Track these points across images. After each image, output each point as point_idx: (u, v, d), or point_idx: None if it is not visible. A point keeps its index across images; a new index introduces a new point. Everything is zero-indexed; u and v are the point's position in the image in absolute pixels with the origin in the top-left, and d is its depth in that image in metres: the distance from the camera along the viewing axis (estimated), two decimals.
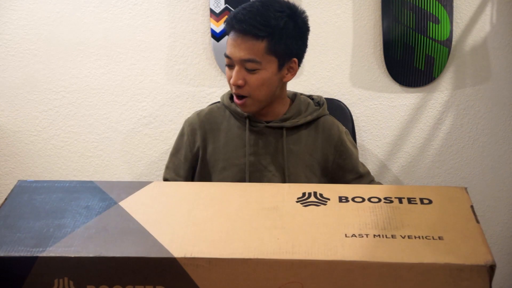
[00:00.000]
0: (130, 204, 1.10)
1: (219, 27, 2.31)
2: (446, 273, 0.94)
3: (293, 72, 1.67)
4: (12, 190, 1.15)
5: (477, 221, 1.03)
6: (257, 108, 1.66)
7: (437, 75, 2.35)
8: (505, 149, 2.42)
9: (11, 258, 0.98)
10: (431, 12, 2.29)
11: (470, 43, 2.35)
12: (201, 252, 0.96)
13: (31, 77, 2.36)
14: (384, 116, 2.40)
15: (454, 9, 2.30)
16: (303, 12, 1.65)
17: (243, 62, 1.57)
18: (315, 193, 1.11)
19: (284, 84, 1.70)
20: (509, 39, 2.34)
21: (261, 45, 1.56)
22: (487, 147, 2.42)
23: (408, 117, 2.39)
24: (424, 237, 0.99)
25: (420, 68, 2.33)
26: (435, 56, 2.32)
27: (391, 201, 1.08)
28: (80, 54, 2.36)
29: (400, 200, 1.08)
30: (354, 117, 2.23)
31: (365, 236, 1.00)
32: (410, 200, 1.08)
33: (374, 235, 1.00)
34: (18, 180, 1.19)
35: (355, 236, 1.00)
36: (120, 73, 2.38)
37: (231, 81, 1.59)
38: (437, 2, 2.28)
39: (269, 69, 1.60)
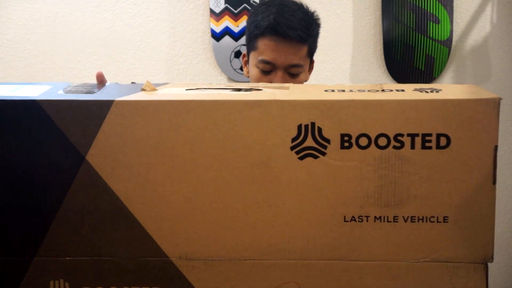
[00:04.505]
0: (100, 162, 0.94)
1: (219, 27, 2.31)
2: (443, 271, 0.93)
3: (311, 71, 1.67)
4: None
5: (494, 181, 0.93)
6: None
7: (437, 75, 2.35)
8: (505, 149, 2.41)
9: (5, 261, 0.98)
10: (431, 12, 2.28)
11: (470, 43, 2.35)
12: (196, 253, 0.96)
13: (31, 77, 2.36)
14: None
15: (454, 9, 2.30)
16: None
17: (288, 68, 1.52)
18: (312, 127, 0.92)
19: None
20: (509, 39, 2.33)
21: (304, 49, 1.53)
22: None
23: None
24: (428, 219, 0.92)
25: (420, 68, 2.33)
26: (435, 56, 2.31)
27: (402, 144, 0.91)
28: (80, 54, 2.36)
29: (413, 141, 0.90)
30: None
31: (365, 219, 0.93)
32: (424, 142, 0.90)
33: (375, 218, 0.93)
34: None
35: (355, 220, 0.93)
36: (120, 73, 2.37)
37: None
38: (437, 2, 2.28)
39: (306, 71, 1.58)
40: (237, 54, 2.32)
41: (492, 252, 0.94)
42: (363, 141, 0.91)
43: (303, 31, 1.51)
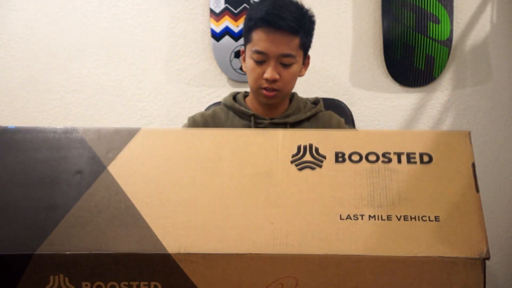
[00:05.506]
0: (119, 170, 1.06)
1: (219, 27, 2.31)
2: (440, 266, 0.94)
3: (306, 67, 1.73)
4: None
5: (477, 189, 1.00)
6: (280, 100, 1.71)
7: (437, 75, 2.35)
8: (505, 149, 2.41)
9: (6, 256, 0.98)
10: (431, 12, 2.29)
11: (470, 43, 2.35)
12: (195, 247, 0.96)
13: (31, 77, 2.37)
14: (384, 116, 2.39)
15: (454, 9, 2.30)
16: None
17: (280, 57, 1.59)
18: (310, 147, 1.06)
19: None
20: (509, 39, 2.34)
21: (296, 40, 1.60)
22: (487, 147, 2.41)
23: (408, 117, 2.39)
24: (420, 218, 0.98)
25: (420, 68, 2.33)
26: (435, 56, 2.31)
27: (389, 160, 1.04)
28: (80, 54, 2.36)
29: (399, 157, 1.04)
30: (354, 117, 2.23)
31: (360, 217, 0.98)
32: (409, 158, 1.04)
33: (370, 217, 0.98)
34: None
35: (350, 218, 0.98)
36: (120, 73, 2.38)
37: (268, 76, 1.59)
38: (437, 2, 2.28)
39: (299, 63, 1.65)
40: (237, 54, 2.32)
41: (487, 248, 0.95)
42: (355, 157, 1.05)
43: (294, 22, 1.58)
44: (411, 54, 2.32)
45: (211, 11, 2.30)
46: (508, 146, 2.41)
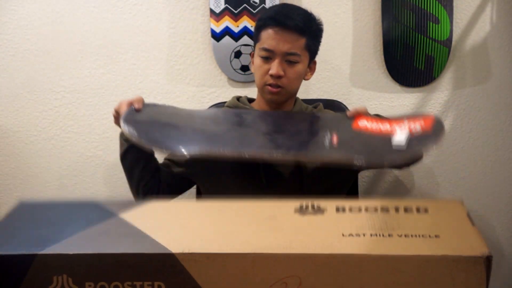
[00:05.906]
0: (130, 215, 1.10)
1: (219, 27, 2.31)
2: (443, 264, 0.94)
3: (312, 72, 1.83)
4: (12, 209, 1.15)
5: (473, 225, 1.04)
6: (285, 99, 1.77)
7: (437, 75, 2.35)
8: (505, 149, 2.41)
9: (10, 256, 0.99)
10: (431, 12, 2.29)
11: (470, 43, 2.35)
12: (199, 248, 0.96)
13: (31, 77, 2.37)
14: None
15: (454, 9, 2.30)
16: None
17: (285, 55, 1.69)
18: (312, 204, 1.13)
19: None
20: (509, 39, 2.34)
21: (302, 40, 1.70)
22: (487, 147, 2.41)
23: None
24: (420, 236, 1.00)
25: (420, 68, 2.33)
26: (435, 56, 2.32)
27: (388, 210, 1.11)
28: (80, 54, 2.36)
29: (397, 209, 1.11)
30: None
31: (362, 235, 1.01)
32: (406, 209, 1.11)
33: (371, 234, 1.01)
34: (19, 201, 1.19)
35: (352, 235, 1.01)
36: (120, 73, 2.38)
37: (273, 72, 1.68)
38: (437, 2, 2.28)
39: (304, 63, 1.74)
40: (237, 54, 2.32)
41: (489, 250, 0.96)
42: (355, 209, 1.12)
43: (301, 22, 1.69)
44: (411, 54, 2.32)
45: (211, 11, 2.30)
46: (508, 146, 2.41)
